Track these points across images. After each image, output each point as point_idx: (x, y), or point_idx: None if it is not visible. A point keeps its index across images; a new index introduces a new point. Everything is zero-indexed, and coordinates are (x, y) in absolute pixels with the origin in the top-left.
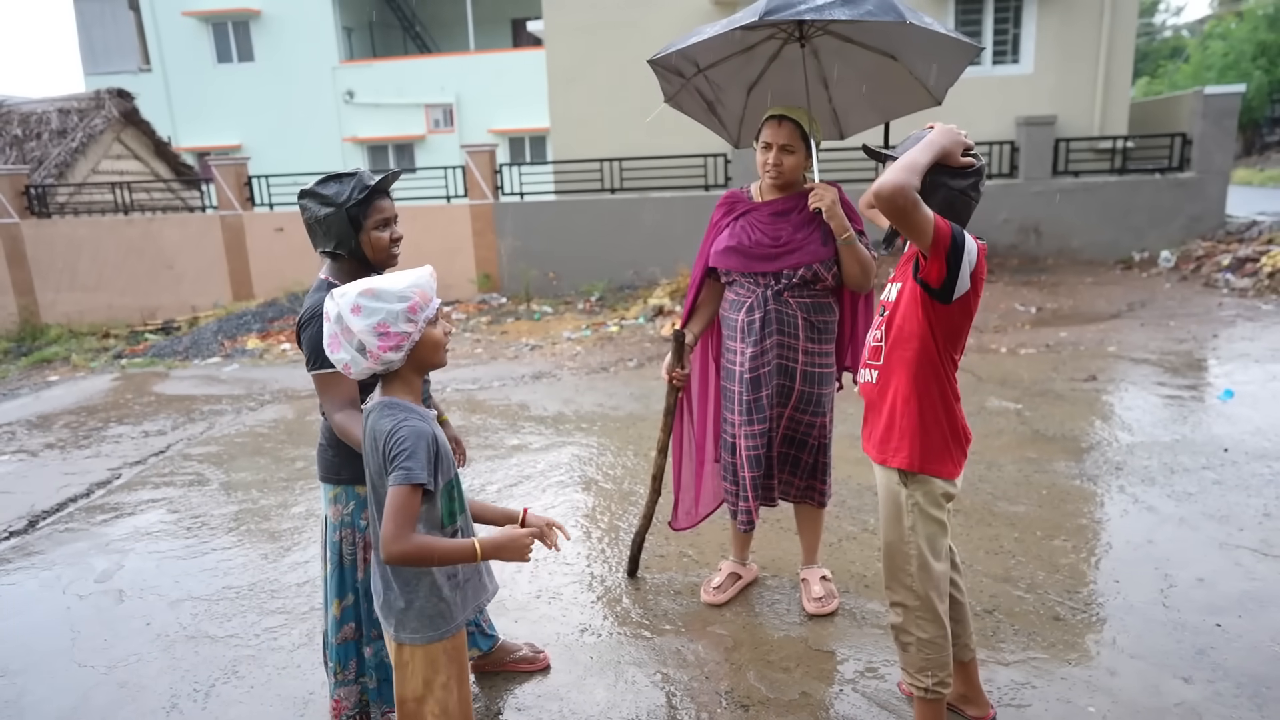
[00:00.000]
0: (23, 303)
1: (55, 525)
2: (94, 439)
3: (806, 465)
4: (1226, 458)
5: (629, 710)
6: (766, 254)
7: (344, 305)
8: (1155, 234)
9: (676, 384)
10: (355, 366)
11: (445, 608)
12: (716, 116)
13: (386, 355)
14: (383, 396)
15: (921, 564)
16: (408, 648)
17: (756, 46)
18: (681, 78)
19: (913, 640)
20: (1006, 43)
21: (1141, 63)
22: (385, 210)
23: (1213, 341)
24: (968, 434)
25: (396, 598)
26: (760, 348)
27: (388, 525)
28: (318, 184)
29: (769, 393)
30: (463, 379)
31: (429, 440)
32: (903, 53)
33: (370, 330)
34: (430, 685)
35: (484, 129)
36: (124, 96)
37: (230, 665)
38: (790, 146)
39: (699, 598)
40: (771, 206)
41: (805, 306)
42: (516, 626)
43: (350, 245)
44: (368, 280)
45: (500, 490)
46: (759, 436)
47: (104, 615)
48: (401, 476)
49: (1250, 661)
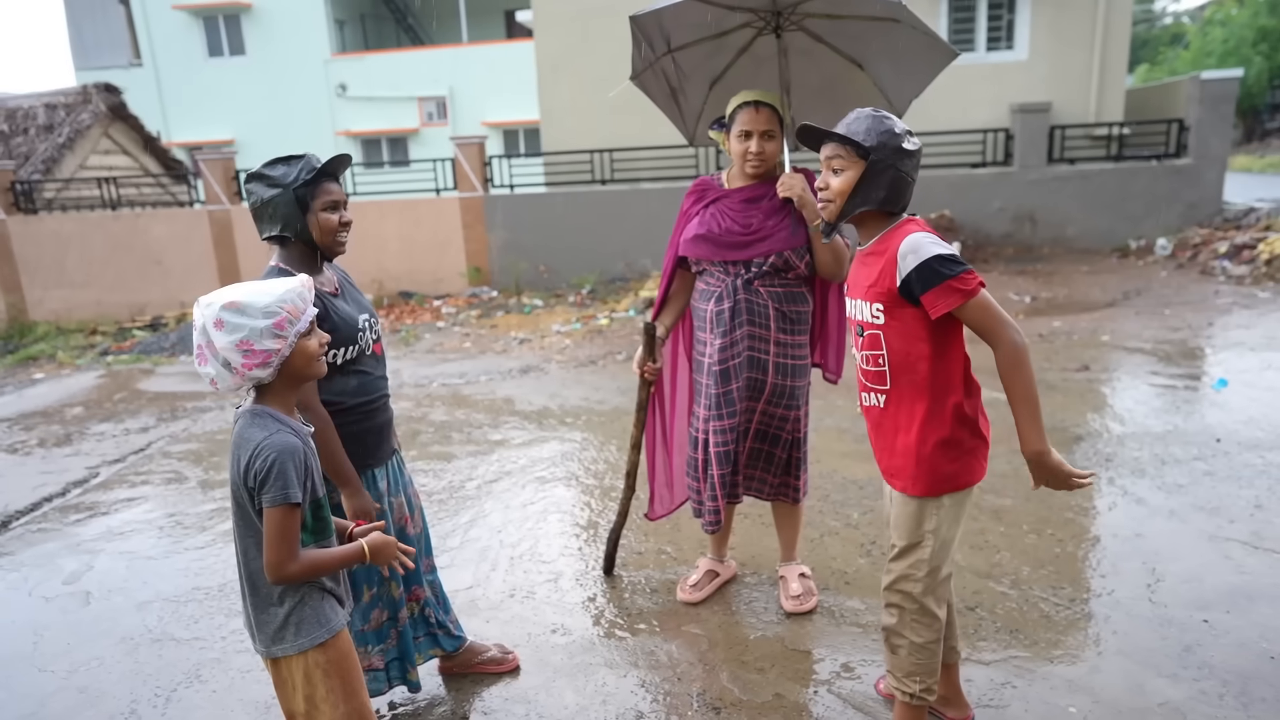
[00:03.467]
0: (10, 300)
1: (28, 525)
2: (75, 437)
3: (780, 461)
4: (1219, 448)
5: (597, 714)
6: (737, 242)
7: (208, 318)
8: (1152, 221)
9: (649, 378)
10: (222, 382)
11: (319, 614)
12: (677, 106)
13: (253, 373)
14: (254, 405)
15: (932, 569)
16: (283, 662)
17: (729, 34)
18: (653, 54)
19: (905, 644)
20: (1001, 29)
21: (1141, 49)
22: (334, 193)
23: (1208, 330)
24: (987, 427)
25: (268, 610)
26: (730, 339)
27: (273, 550)
28: (264, 166)
29: (739, 386)
30: (449, 373)
31: (298, 455)
32: (869, 59)
33: (232, 347)
34: (312, 700)
35: (478, 121)
36: (112, 91)
37: (194, 669)
38: (771, 132)
39: (675, 596)
40: (742, 194)
41: (776, 296)
42: (488, 627)
43: (297, 227)
44: (233, 291)
45: (480, 486)
46: (728, 432)
47: (69, 618)
48: (277, 497)
49: (1237, 659)
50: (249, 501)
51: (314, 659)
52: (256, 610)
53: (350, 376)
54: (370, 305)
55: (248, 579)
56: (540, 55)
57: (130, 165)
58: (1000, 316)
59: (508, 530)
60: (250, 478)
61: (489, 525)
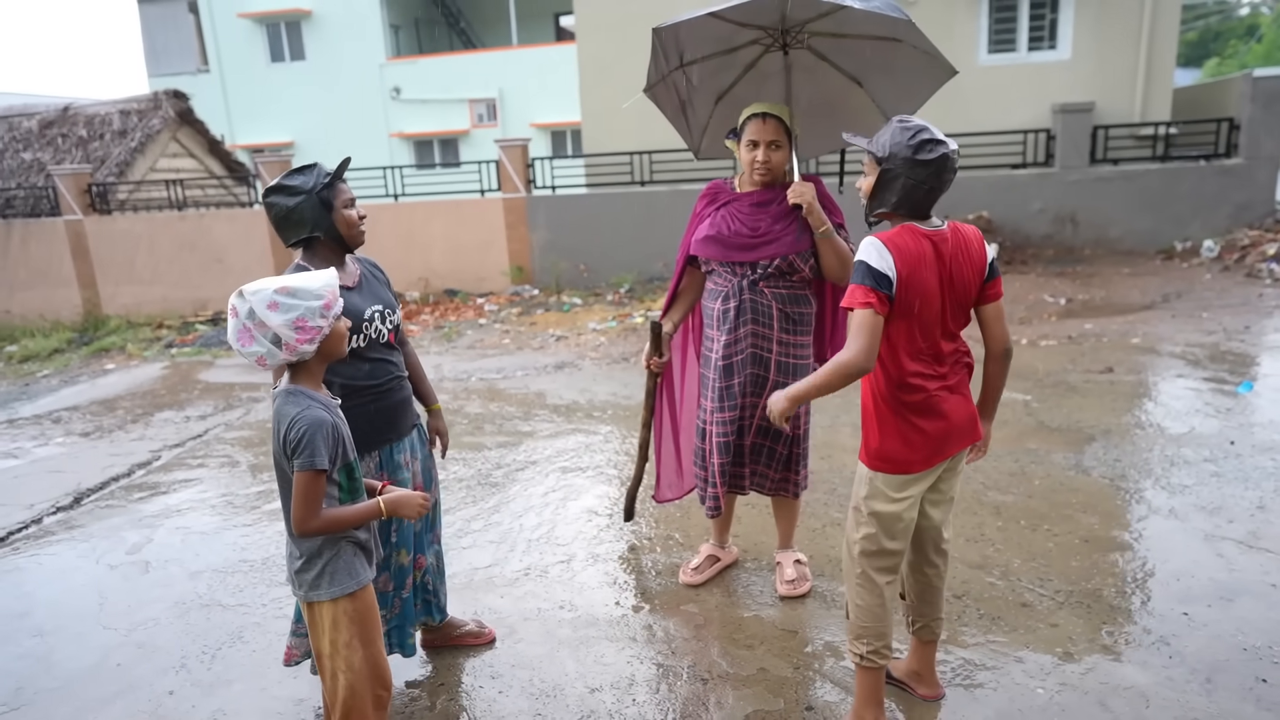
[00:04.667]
0: (86, 295)
1: (98, 502)
2: (140, 423)
3: (780, 456)
4: (1231, 450)
5: (594, 680)
6: (744, 244)
7: (258, 302)
8: (1199, 223)
9: (655, 371)
10: (271, 358)
11: (351, 567)
12: (685, 119)
13: (302, 347)
14: (290, 384)
15: (867, 536)
16: (315, 606)
17: (738, 50)
18: (667, 65)
19: (850, 606)
20: (1043, 29)
21: (1213, 43)
22: (348, 192)
23: (1243, 333)
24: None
25: (306, 562)
26: (734, 335)
27: (297, 508)
28: (281, 179)
29: (741, 380)
30: (488, 369)
31: (327, 427)
32: (869, 78)
33: (289, 325)
34: (335, 644)
35: (526, 123)
36: (179, 97)
37: (237, 631)
38: (777, 142)
39: (678, 578)
40: (752, 198)
41: (781, 297)
42: (502, 601)
43: (325, 226)
44: (281, 279)
45: (507, 474)
46: (729, 424)
47: (130, 584)
48: (305, 463)
49: (1210, 650)
50: (288, 469)
51: (343, 606)
52: (297, 561)
53: (363, 362)
54: (390, 298)
55: (291, 534)
56: (582, 59)
57: (196, 167)
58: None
59: (528, 515)
60: (288, 447)
61: (511, 511)
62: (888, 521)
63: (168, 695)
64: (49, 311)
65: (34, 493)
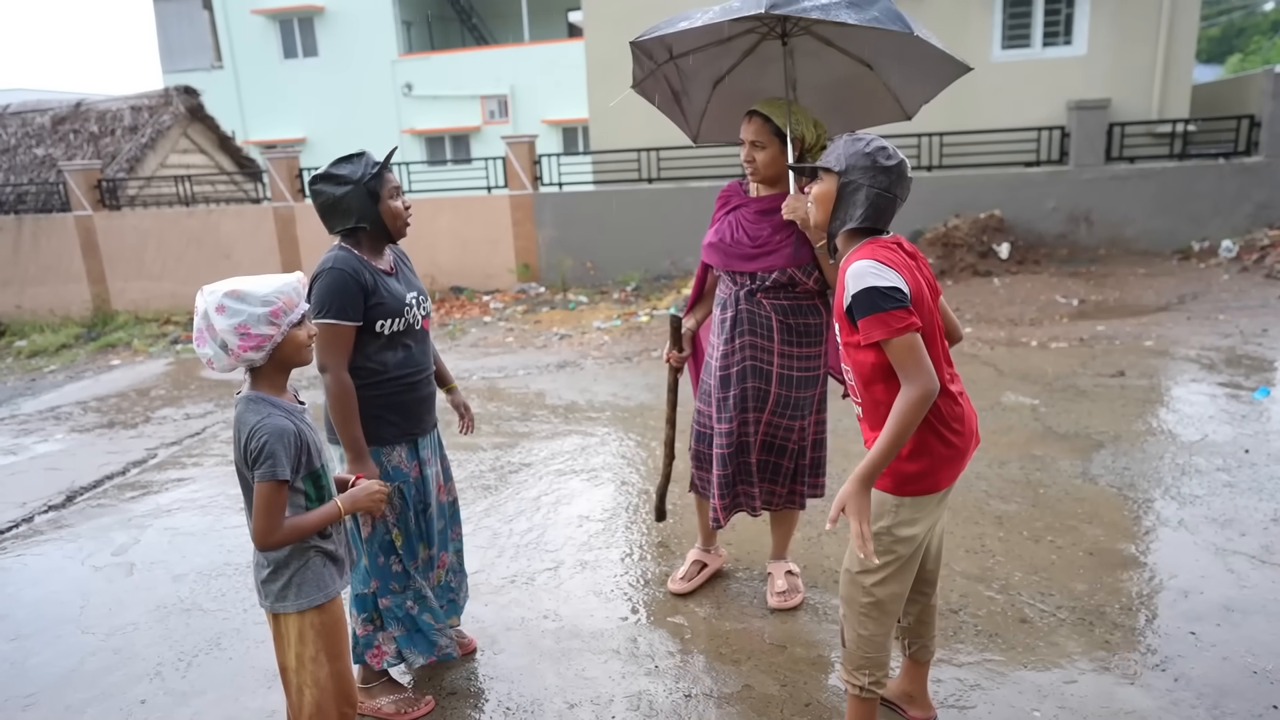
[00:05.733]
0: (95, 290)
1: (89, 501)
2: (140, 420)
3: (787, 471)
4: (1246, 459)
5: (573, 696)
6: (745, 254)
7: (210, 303)
8: (1218, 222)
9: (675, 366)
10: (218, 362)
11: (320, 579)
12: (680, 108)
13: (246, 354)
14: (250, 390)
15: (887, 564)
16: (281, 618)
17: (734, 39)
18: (654, 63)
19: (852, 637)
20: (1059, 23)
21: (1236, 39)
22: (395, 181)
23: (1260, 336)
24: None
25: (273, 572)
26: (730, 346)
27: (259, 521)
28: (330, 167)
29: (736, 394)
30: (489, 367)
31: (290, 436)
32: (879, 62)
33: (231, 330)
34: (300, 658)
35: (538, 119)
36: (190, 93)
37: (215, 638)
38: (759, 142)
39: (666, 588)
40: (760, 203)
41: (781, 309)
42: (486, 610)
43: (372, 217)
44: (235, 281)
45: (500, 476)
46: (725, 435)
47: (113, 586)
48: (266, 473)
49: (1217, 672)
50: (249, 477)
51: (310, 619)
52: (264, 571)
53: (397, 350)
54: (422, 285)
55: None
56: (590, 55)
57: (206, 164)
58: (918, 364)
59: (519, 519)
60: (248, 456)
61: (502, 514)
62: (908, 547)
63: (139, 704)
64: (59, 307)
65: (28, 490)
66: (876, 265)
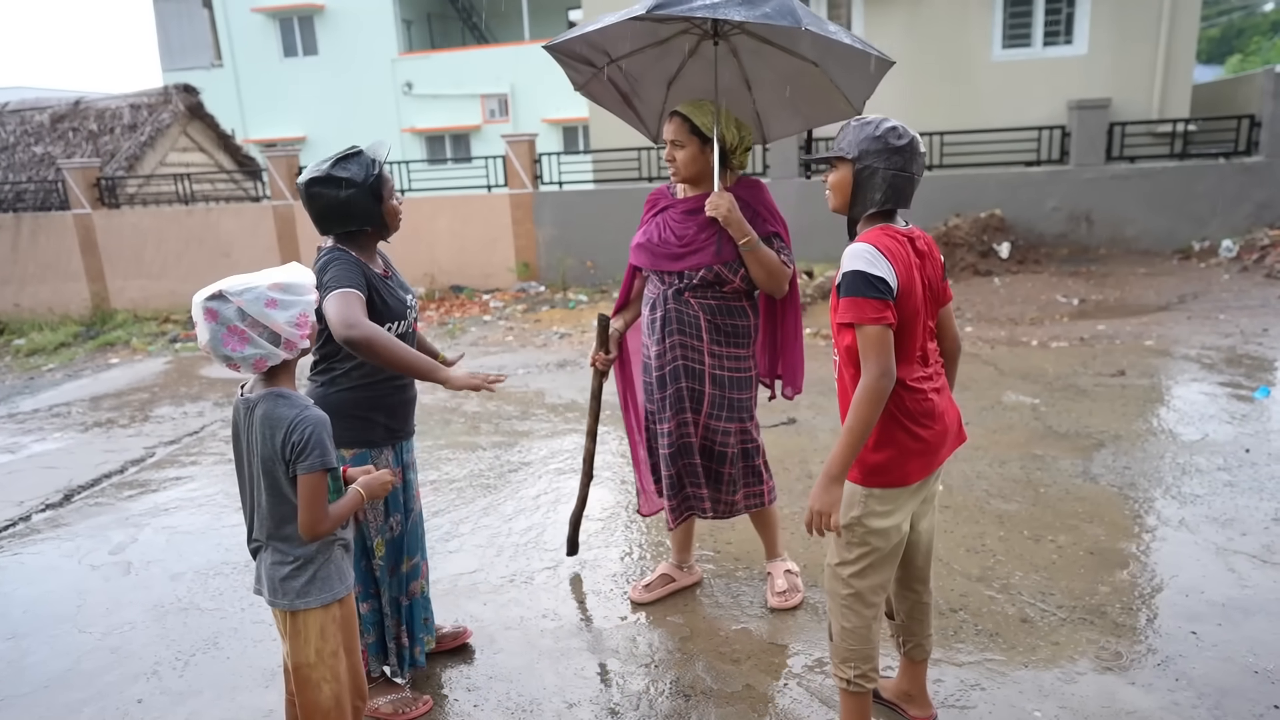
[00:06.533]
0: (94, 289)
1: (87, 500)
2: (138, 419)
3: (730, 478)
4: (1246, 459)
5: (572, 695)
6: (671, 253)
7: (251, 301)
8: (1218, 222)
9: (600, 369)
10: (272, 359)
11: (340, 571)
12: (633, 109)
13: (304, 343)
14: (272, 387)
15: (860, 556)
16: (301, 615)
17: (671, 40)
18: (592, 67)
19: (837, 629)
20: (1059, 23)
21: (1237, 39)
22: (390, 181)
23: (1261, 336)
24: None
25: (298, 568)
26: (662, 347)
27: (310, 511)
28: (331, 169)
29: (673, 393)
30: (489, 366)
31: (327, 425)
32: (824, 60)
33: (292, 322)
34: (321, 653)
35: (538, 118)
36: (190, 91)
37: (212, 637)
38: (679, 142)
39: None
40: (685, 203)
41: (708, 308)
42: (485, 609)
43: (376, 219)
44: (262, 276)
45: (499, 475)
46: (668, 435)
47: (110, 585)
48: (316, 463)
49: (1219, 672)
50: (284, 474)
51: (333, 613)
52: (286, 568)
53: None
54: (409, 288)
55: (283, 540)
56: None
57: (206, 162)
58: (876, 355)
59: (518, 519)
60: (288, 450)
61: (501, 513)
62: (883, 540)
63: (136, 704)
64: (58, 305)
65: (26, 489)
66: (873, 251)
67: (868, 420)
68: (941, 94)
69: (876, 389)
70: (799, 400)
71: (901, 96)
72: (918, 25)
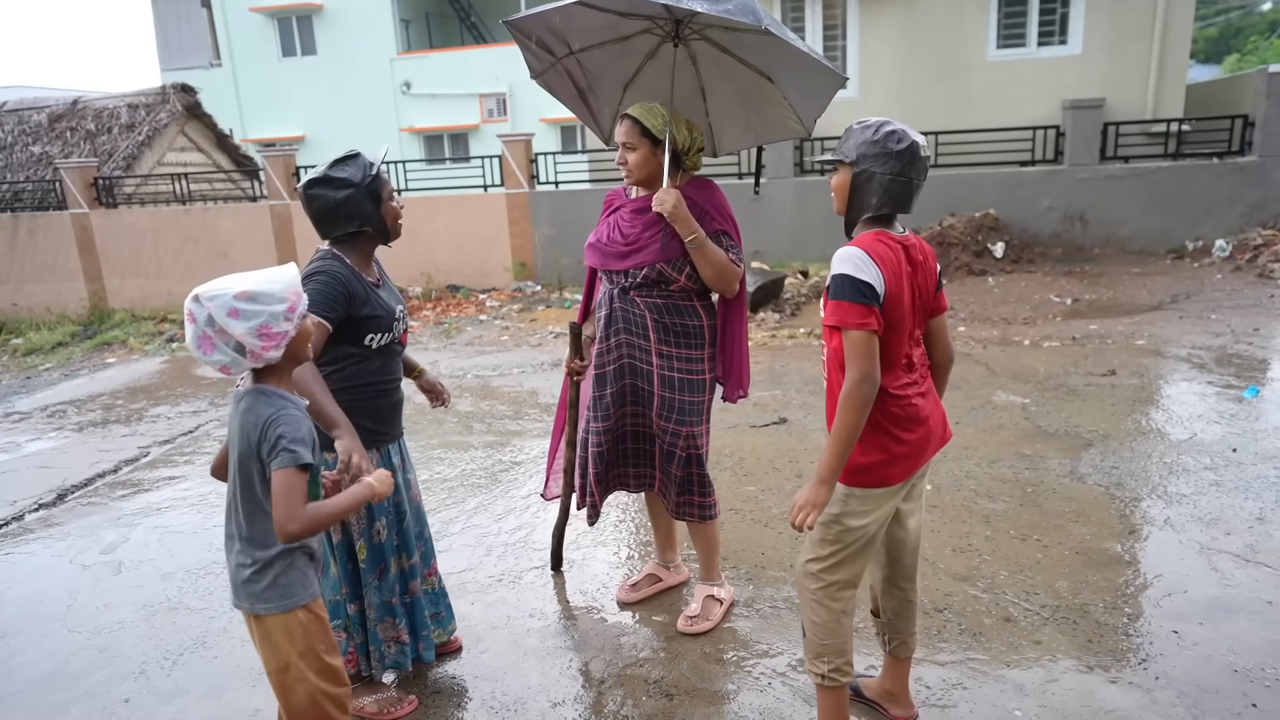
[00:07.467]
0: (92, 288)
1: (80, 499)
2: (134, 418)
3: (676, 478)
4: (1233, 458)
5: (557, 694)
6: (618, 252)
7: (217, 308)
8: (1211, 222)
9: (575, 376)
10: (235, 367)
11: (305, 577)
12: (587, 106)
13: (269, 354)
14: (255, 384)
15: (834, 553)
16: (268, 620)
17: (632, 39)
18: (551, 56)
19: (808, 625)
20: (1054, 23)
21: (1233, 39)
22: (388, 183)
23: (1252, 335)
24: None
25: (257, 571)
26: (606, 344)
27: (283, 508)
28: (329, 170)
29: (614, 391)
30: (484, 365)
31: (306, 424)
32: (779, 75)
33: (253, 332)
34: (289, 657)
35: (536, 118)
36: (188, 91)
37: (201, 636)
38: (630, 144)
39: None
40: (635, 203)
41: (654, 307)
42: (473, 609)
43: (375, 220)
44: (236, 281)
45: (491, 475)
46: (601, 434)
47: (101, 584)
48: (289, 459)
49: (1199, 670)
50: (258, 472)
51: (298, 618)
52: (247, 571)
53: (377, 358)
54: (400, 298)
55: (246, 541)
56: None
57: (203, 162)
58: (859, 360)
59: (508, 518)
60: (264, 448)
61: (491, 513)
62: (858, 538)
63: (123, 703)
64: (55, 305)
65: (19, 489)
66: (862, 256)
67: (852, 425)
68: (936, 94)
69: (859, 394)
70: (791, 400)
71: (897, 96)
72: (913, 25)
